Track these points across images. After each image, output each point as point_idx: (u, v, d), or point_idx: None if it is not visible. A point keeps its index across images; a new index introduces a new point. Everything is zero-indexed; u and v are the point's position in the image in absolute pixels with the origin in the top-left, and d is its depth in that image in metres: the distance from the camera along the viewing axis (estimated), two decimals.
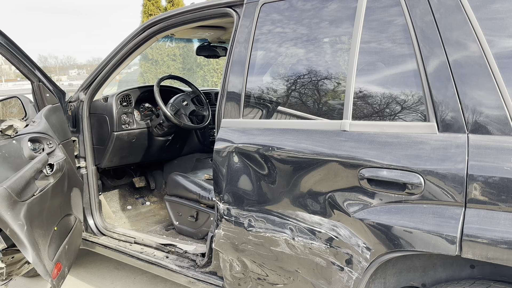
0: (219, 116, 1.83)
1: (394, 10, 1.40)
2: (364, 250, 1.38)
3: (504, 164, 1.13)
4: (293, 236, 1.58)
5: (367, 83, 1.46)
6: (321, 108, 1.65)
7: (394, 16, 1.40)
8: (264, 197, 1.65)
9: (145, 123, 2.99)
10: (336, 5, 1.56)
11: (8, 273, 2.10)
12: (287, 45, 1.74)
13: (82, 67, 58.27)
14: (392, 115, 1.39)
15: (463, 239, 1.17)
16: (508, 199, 1.12)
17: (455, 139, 1.23)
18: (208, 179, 2.71)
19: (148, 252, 2.40)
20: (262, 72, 1.83)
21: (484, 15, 1.25)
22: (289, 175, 1.56)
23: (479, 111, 1.21)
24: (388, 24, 1.42)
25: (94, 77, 2.56)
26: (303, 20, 1.65)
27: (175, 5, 12.65)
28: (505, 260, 1.12)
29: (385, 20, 1.42)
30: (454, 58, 1.26)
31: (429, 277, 1.44)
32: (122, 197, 3.28)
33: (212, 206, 2.43)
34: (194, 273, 2.10)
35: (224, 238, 1.83)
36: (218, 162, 1.78)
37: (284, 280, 1.69)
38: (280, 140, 1.60)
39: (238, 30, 1.82)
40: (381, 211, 1.33)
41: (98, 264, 3.08)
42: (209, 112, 3.20)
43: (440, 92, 1.27)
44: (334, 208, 1.45)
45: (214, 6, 1.98)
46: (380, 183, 1.34)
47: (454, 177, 1.20)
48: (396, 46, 1.40)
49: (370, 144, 1.37)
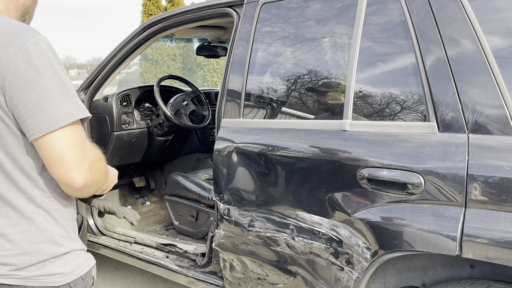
0: (219, 116, 1.83)
1: (394, 10, 1.40)
2: (364, 250, 1.38)
3: (504, 164, 1.13)
4: (293, 236, 1.58)
5: (367, 83, 1.46)
6: (321, 108, 1.65)
7: (394, 16, 1.40)
8: (264, 197, 1.65)
9: (145, 123, 2.99)
10: (336, 5, 1.56)
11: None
12: (287, 45, 1.74)
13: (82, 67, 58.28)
14: (392, 115, 1.39)
15: (463, 239, 1.17)
16: (508, 199, 1.12)
17: (455, 139, 1.23)
18: (208, 179, 2.71)
19: (148, 252, 2.40)
20: (262, 72, 1.83)
21: (484, 14, 1.25)
22: (289, 175, 1.56)
23: (479, 111, 1.21)
24: (388, 23, 1.42)
25: (94, 77, 2.56)
26: (303, 19, 1.64)
27: (175, 5, 12.65)
28: (505, 260, 1.12)
29: (385, 20, 1.42)
30: (454, 58, 1.26)
31: (429, 277, 1.44)
32: (122, 197, 3.28)
33: (212, 206, 2.43)
34: (194, 273, 2.10)
35: (224, 238, 1.83)
36: (218, 162, 1.78)
37: (284, 280, 1.69)
38: (280, 140, 1.60)
39: (238, 30, 1.82)
40: (381, 211, 1.33)
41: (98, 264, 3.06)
42: (209, 112, 3.20)
43: (440, 92, 1.27)
44: (334, 208, 1.45)
45: (214, 6, 1.98)
46: (380, 183, 1.34)
47: (454, 177, 1.20)
48: (396, 46, 1.40)
49: (370, 144, 1.37)
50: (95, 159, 0.94)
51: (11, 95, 0.83)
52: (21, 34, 0.85)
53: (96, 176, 0.93)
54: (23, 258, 0.91)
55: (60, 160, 0.86)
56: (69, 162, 0.87)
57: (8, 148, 0.88)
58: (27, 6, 1.02)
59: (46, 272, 0.93)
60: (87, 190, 0.93)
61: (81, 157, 0.89)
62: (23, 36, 0.85)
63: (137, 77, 14.29)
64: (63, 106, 0.86)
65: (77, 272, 0.98)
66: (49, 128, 0.84)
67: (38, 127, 0.84)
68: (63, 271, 0.95)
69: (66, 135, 0.87)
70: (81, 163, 0.88)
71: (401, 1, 1.38)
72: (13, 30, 0.86)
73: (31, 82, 0.83)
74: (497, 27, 1.24)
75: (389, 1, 1.41)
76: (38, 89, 0.84)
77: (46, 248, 0.93)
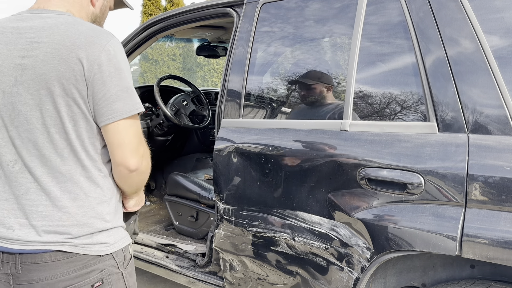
0: (219, 116, 1.83)
1: (394, 9, 1.40)
2: (364, 250, 1.38)
3: (504, 164, 1.13)
4: (293, 236, 1.58)
5: (367, 83, 1.46)
6: (321, 108, 1.65)
7: (393, 15, 1.40)
8: (264, 197, 1.65)
9: (145, 123, 2.99)
10: (336, 5, 1.56)
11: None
12: (287, 45, 1.74)
13: None
14: (392, 115, 1.39)
15: (463, 239, 1.17)
16: (508, 199, 1.12)
17: (455, 139, 1.23)
18: (208, 179, 2.71)
19: (148, 252, 2.40)
20: (262, 72, 1.83)
21: (484, 13, 1.25)
22: (289, 175, 1.56)
23: (479, 110, 1.21)
24: (388, 23, 1.42)
25: None
26: (303, 19, 1.64)
27: (175, 5, 12.66)
28: (505, 260, 1.12)
29: (385, 20, 1.42)
30: (454, 58, 1.26)
31: (429, 277, 1.44)
32: None
33: (212, 206, 2.43)
34: (194, 273, 2.10)
35: (224, 238, 1.83)
36: (218, 162, 1.78)
37: (284, 280, 1.69)
38: (280, 140, 1.60)
39: (238, 30, 1.82)
40: (381, 211, 1.33)
41: None
42: (209, 112, 3.20)
43: (440, 92, 1.27)
44: (334, 208, 1.45)
45: (214, 6, 1.98)
46: (380, 183, 1.34)
47: (454, 177, 1.20)
48: (396, 46, 1.40)
49: (370, 144, 1.37)
50: (146, 150, 1.11)
51: (93, 85, 0.97)
52: (103, 35, 1.01)
53: (144, 165, 1.09)
54: (76, 229, 1.03)
55: (124, 144, 1.03)
56: (130, 146, 1.04)
57: (80, 131, 1.01)
58: (96, 15, 1.19)
59: (94, 240, 1.05)
60: (138, 176, 1.09)
61: (139, 144, 1.07)
62: (105, 37, 1.00)
63: (137, 77, 14.29)
64: (134, 99, 1.03)
65: (119, 244, 1.11)
66: (123, 115, 1.00)
67: (114, 114, 0.99)
68: (108, 241, 1.08)
69: (132, 124, 1.03)
70: (137, 150, 1.06)
71: (401, 1, 1.38)
72: (97, 31, 1.01)
73: (111, 76, 0.98)
74: (497, 26, 1.24)
75: (389, 1, 1.41)
76: (117, 82, 0.99)
77: (96, 223, 1.06)
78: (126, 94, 1.01)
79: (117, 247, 1.10)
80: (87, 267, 1.04)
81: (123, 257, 1.12)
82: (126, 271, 1.13)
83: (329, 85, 1.63)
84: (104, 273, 1.07)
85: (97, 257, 1.06)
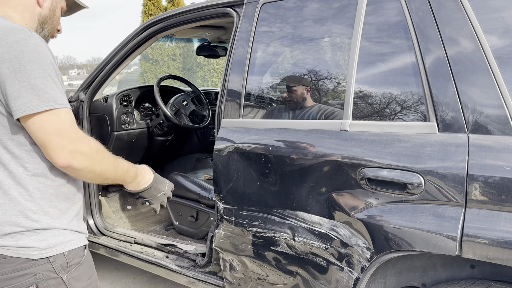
0: (219, 116, 1.83)
1: (393, 9, 1.40)
2: (364, 250, 1.38)
3: (504, 164, 1.13)
4: (293, 236, 1.58)
5: (367, 83, 1.45)
6: (321, 107, 1.65)
7: (393, 15, 1.40)
8: (264, 197, 1.65)
9: (145, 123, 2.99)
10: (335, 5, 1.55)
11: None
12: (287, 44, 1.74)
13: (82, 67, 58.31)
14: (392, 115, 1.39)
15: (463, 239, 1.17)
16: (508, 199, 1.12)
17: (455, 139, 1.23)
18: (208, 179, 2.71)
19: (148, 252, 2.40)
20: (262, 72, 1.83)
21: (484, 13, 1.24)
22: (289, 175, 1.56)
23: (479, 110, 1.21)
24: (388, 23, 1.42)
25: (94, 77, 2.56)
26: (303, 19, 1.64)
27: (175, 5, 12.65)
28: (505, 260, 1.12)
29: (385, 19, 1.42)
30: (454, 57, 1.26)
31: (429, 277, 1.44)
32: (122, 197, 3.27)
33: (212, 206, 2.43)
34: (194, 273, 2.10)
35: (224, 238, 1.83)
36: (218, 162, 1.78)
37: (284, 280, 1.69)
38: (280, 140, 1.60)
39: (238, 30, 1.82)
40: (381, 211, 1.33)
41: (97, 264, 3.06)
42: (209, 112, 3.20)
43: (440, 92, 1.27)
44: (334, 208, 1.45)
45: (214, 6, 1.98)
46: (380, 183, 1.34)
47: (455, 177, 1.20)
48: (395, 45, 1.39)
49: (370, 144, 1.37)
50: (80, 147, 1.03)
51: (3, 82, 0.96)
52: (12, 33, 0.97)
53: (80, 161, 1.02)
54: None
55: (45, 141, 0.99)
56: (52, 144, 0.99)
57: None
58: (44, 16, 1.15)
59: (20, 244, 1.02)
60: (74, 172, 1.03)
61: (65, 140, 1.00)
62: (13, 34, 0.97)
63: (137, 77, 14.28)
64: (42, 96, 0.97)
65: (57, 248, 1.06)
66: (26, 111, 0.96)
67: (17, 110, 0.96)
68: (38, 245, 1.03)
69: (51, 120, 0.98)
70: (63, 147, 0.99)
71: (400, 1, 1.38)
72: (7, 29, 0.98)
73: (15, 72, 0.95)
74: (497, 26, 1.23)
75: (389, 1, 1.41)
76: (21, 79, 0.95)
77: (19, 221, 1.02)
78: (31, 91, 0.96)
79: (54, 252, 1.06)
80: (18, 270, 1.02)
81: (65, 261, 1.08)
82: (70, 275, 1.09)
83: (329, 85, 1.63)
84: (38, 278, 1.03)
85: (29, 261, 1.03)
